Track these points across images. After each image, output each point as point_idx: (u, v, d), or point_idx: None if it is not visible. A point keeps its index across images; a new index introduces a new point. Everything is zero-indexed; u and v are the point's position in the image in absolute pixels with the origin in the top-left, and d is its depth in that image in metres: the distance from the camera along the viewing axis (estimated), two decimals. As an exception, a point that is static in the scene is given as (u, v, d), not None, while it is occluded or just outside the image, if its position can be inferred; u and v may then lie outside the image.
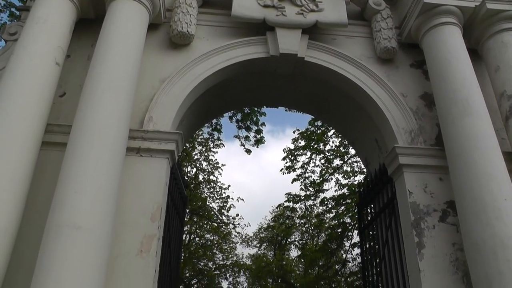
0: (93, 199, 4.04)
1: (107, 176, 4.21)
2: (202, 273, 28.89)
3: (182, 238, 6.61)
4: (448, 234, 4.86)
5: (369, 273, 6.32)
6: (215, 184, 23.46)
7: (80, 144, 4.30)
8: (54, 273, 3.71)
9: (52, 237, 3.87)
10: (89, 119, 4.44)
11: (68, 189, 4.05)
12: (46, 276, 3.71)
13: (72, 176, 4.12)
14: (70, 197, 4.00)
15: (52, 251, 3.81)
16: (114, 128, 4.46)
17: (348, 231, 15.00)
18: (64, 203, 3.99)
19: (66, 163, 4.24)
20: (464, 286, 4.64)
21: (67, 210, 3.95)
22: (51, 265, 3.75)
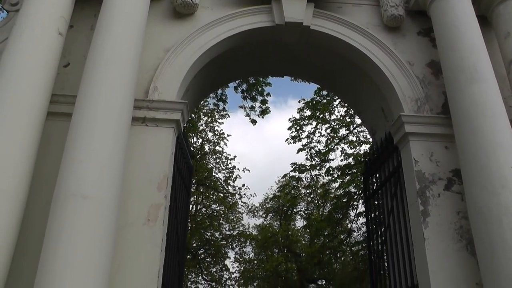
0: (99, 169, 4.07)
1: (112, 145, 4.23)
2: (209, 243, 29.25)
3: (188, 207, 6.66)
4: (453, 202, 4.88)
5: (374, 242, 6.38)
6: (221, 154, 23.53)
7: (85, 114, 4.31)
8: (63, 242, 3.78)
9: (59, 206, 3.93)
10: (93, 89, 4.44)
11: (74, 159, 4.08)
12: (55, 245, 3.79)
13: (78, 146, 4.14)
14: (76, 166, 4.03)
15: (60, 220, 3.86)
16: (119, 98, 4.46)
17: (353, 201, 15.05)
18: (70, 173, 4.03)
19: (72, 133, 4.26)
20: (468, 254, 4.68)
21: (73, 179, 3.99)
22: (60, 234, 3.81)
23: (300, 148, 15.82)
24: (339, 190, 15.65)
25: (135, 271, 4.42)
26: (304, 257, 26.44)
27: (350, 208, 15.57)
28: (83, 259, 3.75)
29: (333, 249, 17.04)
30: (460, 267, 4.62)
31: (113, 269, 4.15)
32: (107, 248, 3.97)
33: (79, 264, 3.72)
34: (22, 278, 4.22)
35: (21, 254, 4.25)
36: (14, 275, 4.16)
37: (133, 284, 4.37)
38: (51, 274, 3.68)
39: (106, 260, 3.92)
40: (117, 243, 4.26)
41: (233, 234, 31.30)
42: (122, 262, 4.38)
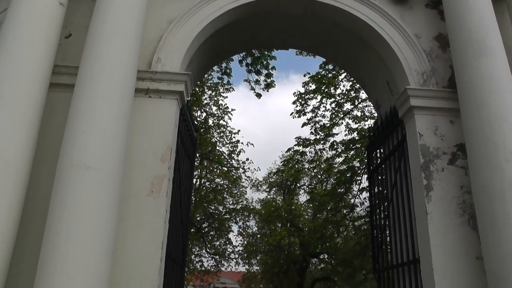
0: (102, 140, 4.07)
1: (115, 116, 4.22)
2: (213, 217, 29.52)
3: (192, 179, 6.68)
4: (456, 176, 4.87)
5: (376, 217, 6.40)
6: (225, 128, 23.54)
7: (88, 85, 4.28)
8: (67, 212, 3.81)
9: (63, 177, 3.94)
10: (96, 59, 4.40)
11: (77, 130, 4.08)
12: (60, 215, 3.82)
13: (81, 116, 4.14)
14: (79, 137, 4.03)
15: (64, 191, 3.89)
16: (121, 69, 4.43)
17: (356, 175, 15.08)
18: (73, 144, 4.03)
19: (74, 104, 4.24)
20: (470, 228, 4.69)
21: (76, 150, 3.99)
22: (64, 205, 3.84)
23: (305, 123, 15.79)
24: (342, 165, 15.66)
25: (139, 242, 4.46)
26: (307, 231, 26.70)
27: (354, 183, 15.62)
28: (87, 229, 3.78)
29: (336, 224, 17.12)
30: (461, 241, 4.63)
31: (118, 240, 4.19)
32: (111, 218, 4.00)
33: (83, 234, 3.76)
34: (27, 246, 4.27)
35: (27, 223, 4.30)
36: (20, 243, 4.21)
37: (137, 254, 4.42)
38: (57, 242, 3.72)
39: (110, 230, 3.96)
40: (121, 214, 4.28)
41: (237, 208, 31.56)
42: (126, 233, 4.42)
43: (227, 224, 31.01)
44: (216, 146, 23.30)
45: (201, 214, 28.04)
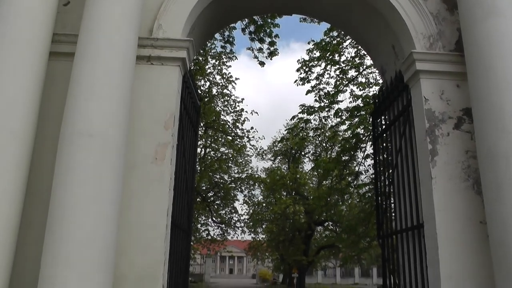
0: (104, 107, 4.04)
1: (117, 83, 4.18)
2: (218, 186, 29.78)
3: (196, 147, 6.68)
4: (462, 141, 4.83)
5: (381, 183, 6.40)
6: (229, 97, 23.48)
7: (88, 53, 4.23)
8: (72, 180, 3.82)
9: (66, 145, 3.94)
10: (95, 26, 4.33)
11: (78, 98, 4.05)
12: (64, 183, 3.83)
13: (82, 84, 4.10)
14: (81, 105, 4.01)
15: (67, 158, 3.89)
16: (122, 35, 4.36)
17: (361, 142, 15.06)
18: (75, 112, 4.01)
19: (75, 73, 4.20)
20: (474, 193, 4.68)
21: (79, 118, 3.97)
22: (68, 173, 3.85)
23: (309, 90, 15.70)
24: (347, 132, 15.63)
25: (144, 210, 4.49)
26: (311, 199, 26.83)
27: (358, 150, 15.61)
28: (92, 196, 3.80)
29: (340, 191, 17.20)
30: (465, 206, 4.64)
31: (123, 207, 4.21)
32: (116, 186, 4.01)
33: (88, 201, 3.78)
34: (32, 215, 4.32)
35: (32, 191, 4.33)
36: (26, 211, 4.25)
37: (142, 222, 4.45)
38: (63, 211, 3.75)
39: (115, 198, 3.97)
40: (125, 182, 4.29)
41: (242, 177, 31.78)
42: (131, 201, 4.45)
43: (232, 193, 31.29)
44: (220, 115, 23.27)
45: (206, 184, 28.26)
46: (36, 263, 3.79)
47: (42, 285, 3.64)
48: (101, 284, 3.76)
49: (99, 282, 3.74)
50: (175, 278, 5.10)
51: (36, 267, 3.74)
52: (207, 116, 20.58)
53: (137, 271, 4.33)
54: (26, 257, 4.23)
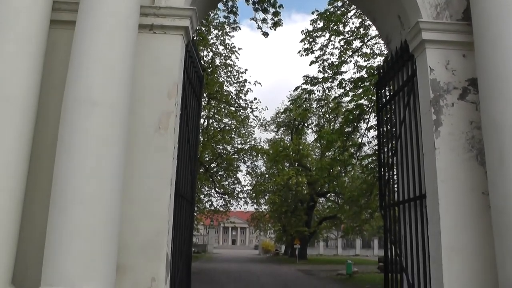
0: (107, 75, 4.02)
1: (119, 52, 4.15)
2: (221, 157, 29.86)
3: (200, 117, 6.66)
4: (466, 112, 4.80)
5: (384, 154, 6.39)
6: (232, 68, 23.30)
7: (90, 21, 4.18)
8: (75, 148, 3.83)
9: (70, 113, 3.94)
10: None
11: (81, 66, 4.02)
12: (68, 152, 3.84)
13: (84, 53, 4.06)
14: (83, 73, 3.98)
15: (71, 126, 3.89)
16: (123, 3, 4.30)
17: (364, 114, 15.00)
18: (78, 80, 3.99)
19: (77, 41, 4.16)
20: (478, 163, 4.68)
21: (82, 86, 3.96)
22: (71, 141, 3.85)
23: (313, 61, 15.56)
24: (351, 103, 15.55)
25: (148, 179, 4.51)
26: (314, 171, 26.91)
27: (362, 121, 15.57)
28: (96, 163, 3.82)
29: (343, 163, 17.21)
30: (468, 177, 4.64)
31: (127, 176, 4.23)
32: (119, 154, 4.02)
33: (92, 170, 3.80)
34: (38, 181, 4.36)
35: (36, 156, 4.36)
36: (31, 178, 4.28)
37: (146, 191, 4.48)
38: (65, 177, 3.78)
39: (118, 166, 3.99)
40: (129, 151, 4.30)
41: (245, 148, 31.84)
42: (134, 170, 4.46)
43: (235, 164, 31.40)
44: (223, 85, 23.15)
45: (209, 154, 28.32)
46: (41, 235, 3.85)
47: (49, 251, 3.69)
48: (106, 252, 3.82)
49: (104, 249, 3.79)
50: (179, 247, 5.16)
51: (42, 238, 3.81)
52: (210, 87, 20.47)
53: (141, 240, 4.39)
54: (32, 227, 4.28)
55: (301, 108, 19.76)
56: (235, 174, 32.32)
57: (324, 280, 20.36)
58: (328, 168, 18.68)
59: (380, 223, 28.73)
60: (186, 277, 5.77)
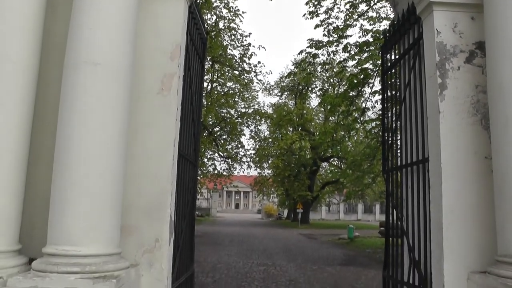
0: (108, 36, 3.95)
1: (121, 12, 4.07)
2: (225, 120, 29.89)
3: (203, 79, 6.61)
4: (472, 75, 4.74)
5: (388, 118, 6.37)
6: (236, 31, 23.06)
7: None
8: (78, 109, 3.81)
9: (71, 74, 3.89)
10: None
11: (82, 27, 3.95)
12: (70, 113, 3.83)
13: (86, 13, 3.97)
14: (85, 33, 3.91)
15: (73, 88, 3.85)
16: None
17: (369, 78, 14.88)
18: (79, 40, 3.92)
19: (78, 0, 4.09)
20: (482, 128, 4.65)
21: (83, 46, 3.90)
22: (74, 102, 3.83)
23: (317, 24, 15.33)
24: (355, 68, 15.42)
25: (151, 140, 4.52)
26: (318, 135, 26.92)
27: (366, 86, 15.46)
28: (99, 124, 3.81)
29: (347, 127, 17.18)
30: (471, 141, 4.62)
31: (130, 137, 4.24)
32: (122, 116, 4.01)
33: (95, 129, 3.80)
34: (42, 138, 4.38)
35: (39, 117, 4.36)
36: (34, 137, 4.29)
37: (149, 152, 4.49)
38: (69, 139, 3.78)
39: (122, 126, 3.99)
40: (132, 112, 4.29)
41: (249, 112, 31.86)
42: (138, 131, 4.47)
43: (239, 128, 31.48)
44: (227, 49, 22.98)
45: (213, 118, 28.37)
46: (46, 195, 3.90)
47: (53, 211, 3.75)
48: (110, 212, 3.86)
49: (108, 209, 3.84)
50: (182, 209, 5.22)
51: (47, 198, 3.86)
52: (213, 51, 20.31)
53: (145, 201, 4.43)
54: (37, 187, 4.33)
55: (305, 72, 19.60)
56: (239, 138, 32.46)
57: (325, 244, 20.70)
58: (331, 132, 18.62)
59: (382, 188, 28.92)
60: (189, 239, 5.85)
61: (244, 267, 11.46)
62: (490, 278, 4.06)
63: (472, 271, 4.39)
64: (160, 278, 4.36)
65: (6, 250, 3.81)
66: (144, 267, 4.35)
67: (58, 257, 3.62)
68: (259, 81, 38.20)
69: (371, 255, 15.61)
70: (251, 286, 8.56)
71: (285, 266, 11.78)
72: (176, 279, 4.82)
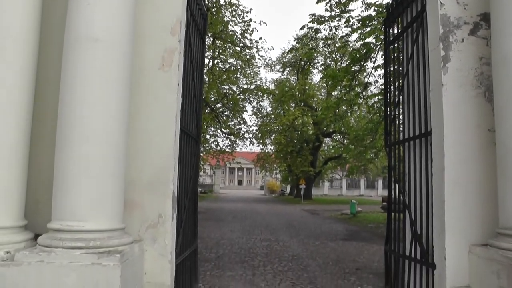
0: (108, 11, 3.91)
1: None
2: (227, 97, 29.79)
3: (204, 55, 6.56)
4: (476, 47, 4.69)
5: (390, 92, 6.33)
6: (237, 7, 22.82)
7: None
8: (78, 85, 3.80)
9: (71, 51, 3.87)
10: None
11: (81, 2, 3.90)
12: (71, 89, 3.82)
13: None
14: (84, 9, 3.87)
15: (73, 64, 3.84)
16: None
17: (372, 52, 14.73)
18: (79, 16, 3.89)
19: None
20: (485, 100, 4.62)
21: (83, 22, 3.86)
22: (75, 78, 3.81)
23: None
24: (358, 42, 15.26)
25: (152, 116, 4.50)
26: (320, 110, 26.84)
27: (368, 60, 15.32)
28: (99, 100, 3.81)
29: (349, 102, 17.10)
30: (474, 113, 4.60)
31: (131, 112, 4.24)
32: (123, 92, 4.00)
33: (96, 104, 3.79)
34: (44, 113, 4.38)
35: (41, 92, 4.34)
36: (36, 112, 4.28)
37: (151, 128, 4.48)
38: (71, 115, 3.78)
39: (123, 102, 3.99)
40: (133, 88, 4.28)
41: (250, 88, 31.70)
42: (139, 107, 4.45)
43: (241, 104, 31.40)
44: (228, 25, 22.77)
45: (215, 95, 28.27)
46: (50, 170, 3.92)
47: (57, 186, 3.77)
48: (113, 188, 3.89)
49: (110, 185, 3.86)
50: (185, 185, 5.24)
51: (50, 174, 3.88)
52: (214, 27, 20.12)
53: (147, 176, 4.44)
54: (40, 162, 4.35)
55: (307, 47, 19.42)
56: (241, 114, 32.41)
57: (328, 219, 20.83)
58: (334, 107, 18.52)
59: (384, 163, 28.98)
60: (192, 214, 5.89)
61: (247, 242, 11.54)
62: (491, 251, 4.09)
63: (473, 243, 4.43)
64: (164, 253, 4.41)
65: (12, 226, 3.84)
66: (148, 242, 4.39)
67: (63, 233, 3.66)
68: (260, 57, 38.02)
69: (373, 230, 15.71)
70: (254, 261, 8.62)
71: (288, 242, 11.86)
72: (179, 254, 4.87)
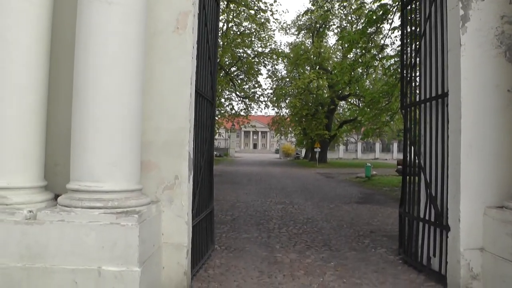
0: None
1: None
2: (241, 60, 29.57)
3: (218, 17, 6.49)
4: (497, 5, 4.55)
5: (407, 54, 6.21)
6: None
7: None
8: (93, 46, 3.82)
9: (85, 13, 3.87)
10: None
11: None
12: (86, 50, 3.84)
13: None
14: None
15: (87, 26, 3.85)
16: None
17: (388, 13, 14.39)
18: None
19: None
20: (506, 60, 4.53)
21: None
22: (89, 39, 3.84)
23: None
24: (374, 3, 14.89)
25: (167, 78, 4.51)
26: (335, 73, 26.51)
27: (385, 22, 14.99)
28: (115, 64, 3.83)
29: (365, 64, 16.84)
30: (494, 74, 4.52)
31: (147, 75, 4.27)
32: (138, 54, 4.01)
33: (111, 65, 3.83)
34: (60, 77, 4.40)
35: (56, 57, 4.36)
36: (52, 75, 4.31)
37: (166, 90, 4.50)
38: (85, 73, 3.82)
39: (137, 64, 4.00)
40: (148, 51, 4.29)
41: (265, 51, 31.36)
42: (154, 70, 4.46)
43: (256, 68, 31.16)
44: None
45: (229, 58, 28.08)
46: (67, 132, 3.98)
47: (74, 148, 3.84)
48: (129, 149, 3.96)
49: (127, 145, 3.94)
50: (200, 146, 5.28)
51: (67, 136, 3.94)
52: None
53: (163, 137, 4.50)
54: (57, 125, 4.41)
55: (322, 9, 19.05)
56: (256, 77, 32.23)
57: (343, 183, 20.90)
58: (349, 70, 18.26)
59: (400, 126, 28.71)
60: (208, 176, 5.96)
61: (263, 205, 11.67)
62: (507, 213, 4.09)
63: (489, 205, 4.43)
64: (181, 214, 4.50)
65: (33, 186, 3.95)
66: (164, 204, 4.49)
67: (81, 193, 3.75)
68: (275, 20, 37.48)
69: (388, 193, 15.73)
70: (269, 223, 8.74)
71: (302, 205, 11.96)
72: (196, 215, 4.96)
